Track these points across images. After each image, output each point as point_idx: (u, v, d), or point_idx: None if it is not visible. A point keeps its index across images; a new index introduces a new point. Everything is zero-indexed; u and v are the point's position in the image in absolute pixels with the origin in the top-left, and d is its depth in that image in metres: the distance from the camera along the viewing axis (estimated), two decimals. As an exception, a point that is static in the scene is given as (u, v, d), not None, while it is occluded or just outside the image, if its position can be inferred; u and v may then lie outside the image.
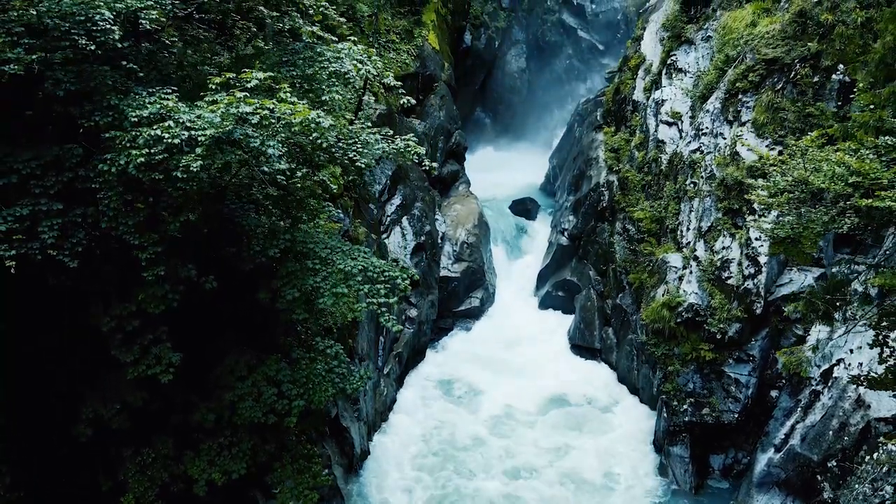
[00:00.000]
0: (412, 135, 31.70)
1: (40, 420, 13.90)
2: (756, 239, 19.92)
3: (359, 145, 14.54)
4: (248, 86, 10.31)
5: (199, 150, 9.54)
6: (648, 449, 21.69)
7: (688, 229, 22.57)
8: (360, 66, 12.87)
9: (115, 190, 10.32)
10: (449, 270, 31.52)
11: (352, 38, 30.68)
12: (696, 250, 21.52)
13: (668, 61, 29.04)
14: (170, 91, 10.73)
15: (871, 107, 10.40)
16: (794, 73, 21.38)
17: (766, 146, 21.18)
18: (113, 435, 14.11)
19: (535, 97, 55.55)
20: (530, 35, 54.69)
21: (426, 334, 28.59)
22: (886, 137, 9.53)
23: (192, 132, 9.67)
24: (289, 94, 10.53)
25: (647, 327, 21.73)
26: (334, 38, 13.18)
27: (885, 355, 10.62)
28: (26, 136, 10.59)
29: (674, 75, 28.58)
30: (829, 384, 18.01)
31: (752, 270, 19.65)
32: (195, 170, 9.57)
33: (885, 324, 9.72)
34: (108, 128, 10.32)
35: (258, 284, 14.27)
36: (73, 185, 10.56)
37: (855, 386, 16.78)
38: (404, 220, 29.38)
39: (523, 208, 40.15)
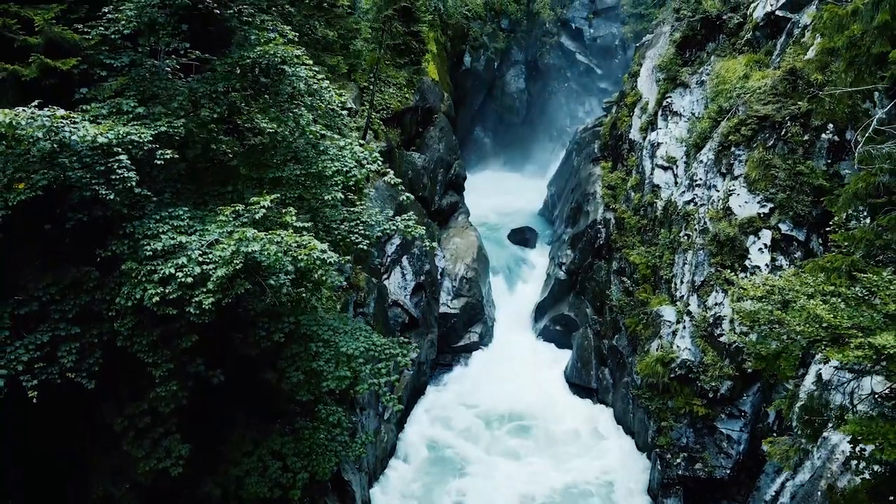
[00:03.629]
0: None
1: (52, 498, 14.38)
2: (747, 297, 20.40)
3: (361, 227, 15.07)
4: (257, 217, 10.82)
5: (210, 286, 10.04)
6: (643, 499, 22.18)
7: (681, 282, 23.06)
8: (362, 159, 13.42)
9: (130, 317, 10.82)
10: (448, 307, 31.95)
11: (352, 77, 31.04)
12: (689, 304, 22.01)
13: (664, 103, 29.56)
14: (183, 212, 11.21)
15: (846, 244, 10.90)
16: (784, 130, 21.86)
17: (759, 202, 21.68)
18: (123, 509, 14.59)
19: (534, 117, 56.15)
20: (529, 56, 55.28)
21: (426, 374, 29.09)
22: (856, 288, 10.07)
23: (205, 267, 10.18)
24: (294, 218, 11.02)
25: (642, 381, 22.23)
26: (335, 136, 13.68)
27: (860, 467, 11.08)
28: (45, 256, 11.08)
29: (669, 118, 29.08)
30: (819, 444, 18.48)
31: (745, 328, 20.12)
32: (207, 307, 10.09)
33: (859, 437, 10.19)
34: (123, 256, 10.82)
35: (264, 364, 14.76)
36: (90, 307, 11.08)
37: (843, 448, 17.32)
38: (404, 260, 29.80)
39: (522, 237, 40.68)
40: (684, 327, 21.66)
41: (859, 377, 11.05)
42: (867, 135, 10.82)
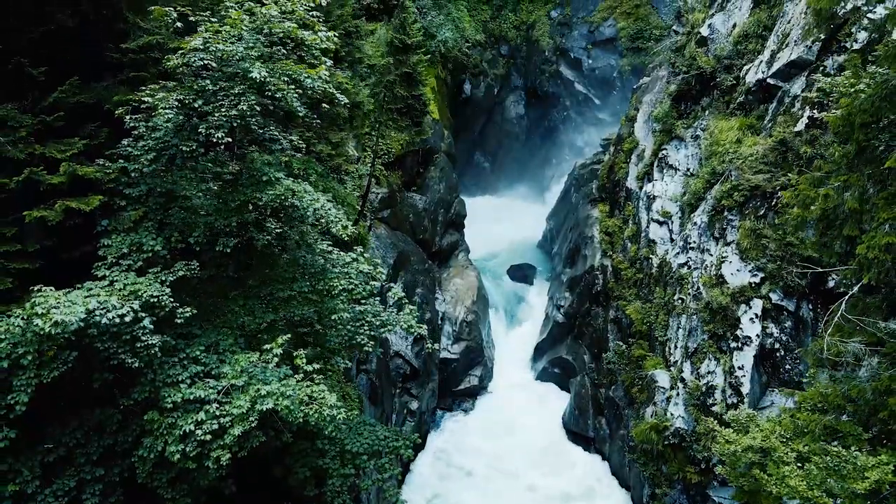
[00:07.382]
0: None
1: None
2: (739, 368, 21.09)
3: (366, 327, 15.75)
4: (269, 367, 11.48)
5: (227, 440, 10.72)
6: (638, 559, 22.92)
7: (675, 346, 23.72)
8: (368, 275, 14.14)
9: (150, 462, 11.50)
10: (449, 351, 32.62)
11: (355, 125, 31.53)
12: (682, 371, 22.67)
13: (660, 154, 30.17)
14: (199, 351, 11.88)
15: (819, 403, 11.56)
16: (775, 201, 22.48)
17: (750, 271, 22.32)
18: None
19: (533, 143, 56.82)
20: (528, 83, 55.96)
21: (427, 423, 29.76)
22: (828, 457, 10.76)
23: (222, 420, 10.85)
24: (304, 360, 11.67)
25: (637, 445, 22.90)
26: (342, 253, 14.38)
27: None
28: (69, 400, 11.74)
29: (665, 170, 29.71)
30: (806, 516, 19.18)
31: (735, 400, 20.81)
32: (224, 463, 10.76)
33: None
34: (145, 404, 11.50)
35: (271, 459, 15.43)
36: (112, 448, 11.75)
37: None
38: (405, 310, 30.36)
39: (521, 274, 41.35)
40: (678, 394, 22.33)
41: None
42: (835, 320, 11.48)
